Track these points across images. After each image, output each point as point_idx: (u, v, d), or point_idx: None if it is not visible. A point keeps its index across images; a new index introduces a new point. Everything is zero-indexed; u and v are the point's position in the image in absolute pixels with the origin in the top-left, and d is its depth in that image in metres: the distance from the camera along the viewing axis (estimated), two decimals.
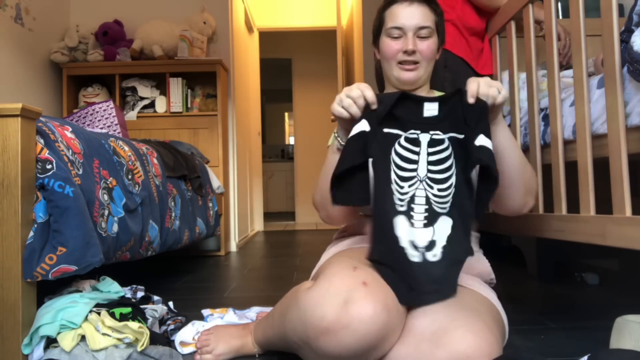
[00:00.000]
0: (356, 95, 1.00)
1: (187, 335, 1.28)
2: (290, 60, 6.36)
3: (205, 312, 1.54)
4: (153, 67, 3.31)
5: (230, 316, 1.45)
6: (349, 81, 4.15)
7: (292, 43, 6.29)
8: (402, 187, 1.01)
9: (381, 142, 1.01)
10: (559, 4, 2.59)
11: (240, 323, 1.35)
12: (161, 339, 1.20)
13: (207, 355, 1.16)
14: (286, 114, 8.91)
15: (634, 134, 1.16)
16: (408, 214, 1.00)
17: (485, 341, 0.87)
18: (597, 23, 1.28)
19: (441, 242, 0.99)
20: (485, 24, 2.03)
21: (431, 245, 0.98)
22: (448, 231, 0.99)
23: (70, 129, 1.40)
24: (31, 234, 1.13)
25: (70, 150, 1.32)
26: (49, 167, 1.17)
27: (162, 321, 1.35)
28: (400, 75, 1.21)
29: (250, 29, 4.80)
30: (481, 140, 0.97)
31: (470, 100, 0.98)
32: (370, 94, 1.00)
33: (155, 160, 2.01)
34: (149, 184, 1.84)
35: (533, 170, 1.14)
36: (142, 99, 3.35)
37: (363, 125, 0.99)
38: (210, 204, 2.74)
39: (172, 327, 1.35)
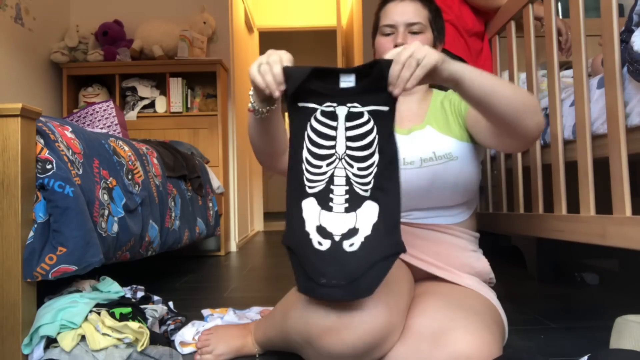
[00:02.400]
0: (274, 60, 0.92)
1: (187, 335, 1.28)
2: None
3: (205, 312, 1.54)
4: (153, 67, 3.31)
5: (230, 316, 1.45)
6: None
7: (292, 43, 6.29)
8: (318, 167, 0.91)
9: (296, 118, 0.92)
10: (559, 4, 2.59)
11: (240, 323, 1.35)
12: (161, 339, 1.20)
13: (207, 355, 1.16)
14: (286, 114, 8.88)
15: (634, 134, 1.16)
16: (324, 196, 0.90)
17: (485, 341, 0.87)
18: (597, 23, 1.28)
19: (365, 230, 0.88)
20: (484, 24, 2.03)
21: (351, 232, 0.88)
22: (374, 218, 0.89)
23: (70, 129, 1.40)
24: (31, 234, 1.13)
25: (70, 150, 1.32)
26: (49, 167, 1.17)
27: (162, 321, 1.35)
28: None
29: (250, 29, 4.80)
30: None
31: (392, 89, 0.88)
32: (278, 70, 0.90)
33: (155, 160, 2.01)
34: (149, 184, 1.84)
35: (526, 91, 1.00)
36: (142, 99, 3.35)
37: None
38: (210, 204, 2.73)
39: (172, 327, 1.35)
